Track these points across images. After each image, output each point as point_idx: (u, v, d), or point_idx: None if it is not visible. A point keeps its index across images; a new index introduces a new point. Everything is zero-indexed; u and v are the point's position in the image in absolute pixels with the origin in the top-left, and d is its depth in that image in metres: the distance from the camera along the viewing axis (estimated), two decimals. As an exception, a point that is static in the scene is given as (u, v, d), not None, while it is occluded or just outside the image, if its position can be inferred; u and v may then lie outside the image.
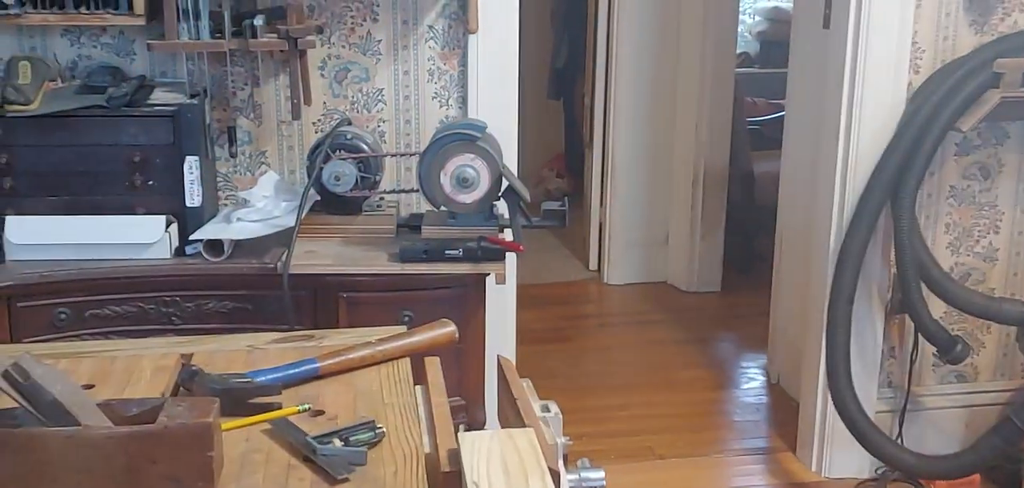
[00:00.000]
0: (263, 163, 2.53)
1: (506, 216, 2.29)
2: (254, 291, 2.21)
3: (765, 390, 3.52)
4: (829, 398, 2.76)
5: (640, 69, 4.21)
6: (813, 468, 2.93)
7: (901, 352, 2.86)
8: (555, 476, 1.15)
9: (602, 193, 4.44)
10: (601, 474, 1.28)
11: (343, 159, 2.25)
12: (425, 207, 2.34)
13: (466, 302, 2.21)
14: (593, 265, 4.57)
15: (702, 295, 4.32)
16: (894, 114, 2.62)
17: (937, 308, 2.73)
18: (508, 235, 2.22)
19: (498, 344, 2.60)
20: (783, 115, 3.64)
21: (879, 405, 2.85)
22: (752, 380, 3.60)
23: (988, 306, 2.63)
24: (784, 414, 3.24)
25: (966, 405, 2.92)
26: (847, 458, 2.86)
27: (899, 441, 2.79)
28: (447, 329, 1.47)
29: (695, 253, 4.32)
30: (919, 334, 2.74)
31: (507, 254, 2.19)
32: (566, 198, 2.44)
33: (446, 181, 2.14)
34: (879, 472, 2.83)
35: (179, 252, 2.24)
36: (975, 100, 2.49)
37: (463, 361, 2.21)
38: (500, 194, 2.20)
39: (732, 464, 3.05)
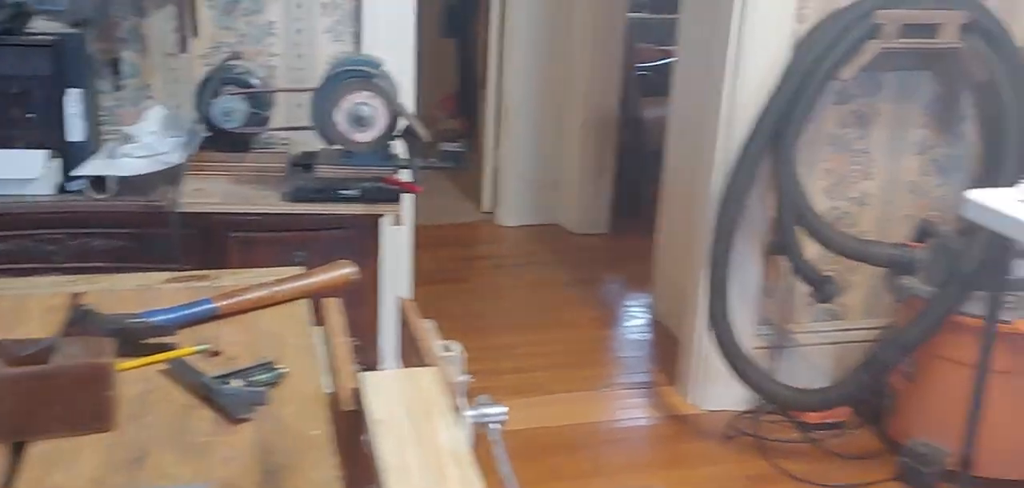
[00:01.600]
0: (149, 97, 2.45)
1: (402, 156, 2.29)
2: (141, 229, 2.15)
3: (649, 328, 3.63)
4: (708, 334, 2.87)
5: (534, 10, 4.22)
6: (692, 401, 3.06)
7: (777, 291, 3.00)
8: (458, 413, 1.18)
9: (496, 134, 4.45)
10: (503, 410, 1.31)
11: (233, 94, 2.20)
12: (318, 145, 2.31)
13: (361, 243, 2.20)
14: (486, 206, 4.60)
15: (591, 237, 4.41)
16: (778, 62, 2.71)
17: (811, 250, 2.86)
18: (405, 175, 2.21)
19: (393, 285, 2.62)
20: (672, 61, 3.72)
21: (756, 341, 2.99)
22: (637, 318, 3.71)
23: (858, 248, 2.78)
24: (666, 350, 3.36)
25: (836, 342, 3.08)
26: (724, 392, 3.00)
27: (773, 375, 2.94)
28: (346, 271, 1.47)
29: (585, 196, 4.40)
30: (794, 274, 2.87)
31: (403, 194, 2.19)
32: (463, 140, 2.44)
33: (341, 119, 2.12)
34: (754, 405, 2.98)
35: (62, 188, 2.16)
36: (855, 50, 2.60)
37: (358, 302, 2.20)
38: (397, 133, 2.20)
39: (617, 398, 3.15)
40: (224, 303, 1.35)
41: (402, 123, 2.19)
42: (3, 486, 0.98)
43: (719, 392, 3.01)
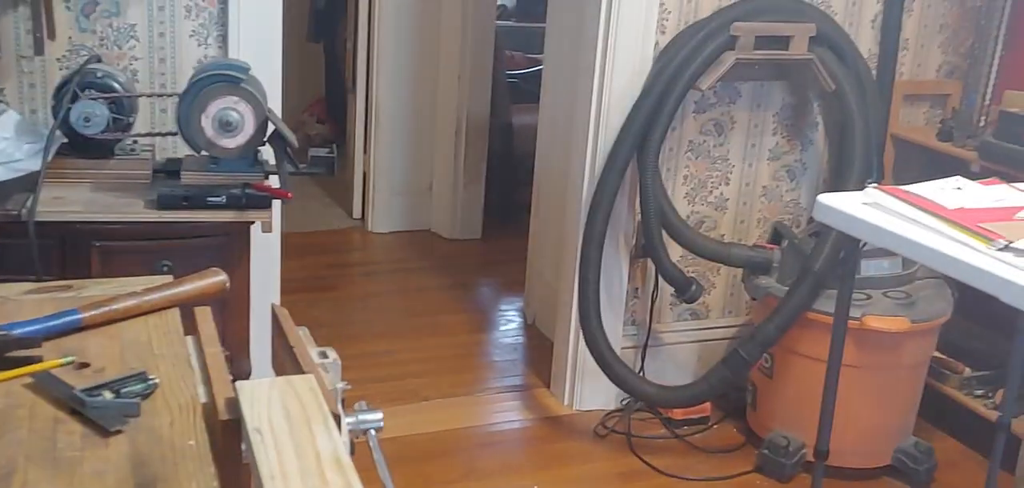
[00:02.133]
0: (1, 102, 2.34)
1: (271, 163, 2.26)
2: (-6, 240, 2.05)
3: (522, 331, 3.69)
4: (580, 336, 2.95)
5: (403, 15, 4.23)
6: (565, 402, 3.13)
7: (643, 292, 3.10)
8: (336, 419, 1.18)
9: (366, 140, 4.43)
10: (379, 415, 1.32)
11: (93, 99, 2.12)
12: (183, 151, 2.26)
13: (230, 251, 2.16)
14: (356, 213, 4.58)
15: (464, 242, 4.44)
16: (642, 72, 2.81)
17: (675, 252, 2.98)
18: (274, 182, 2.19)
19: (263, 293, 2.57)
20: (541, 69, 3.79)
21: (624, 341, 3.08)
22: (510, 322, 3.77)
23: (719, 250, 2.90)
24: (539, 353, 3.43)
25: (699, 340, 3.21)
26: (596, 392, 3.08)
27: (641, 374, 3.04)
28: (218, 279, 1.45)
29: (458, 201, 4.43)
30: (659, 276, 2.97)
31: (273, 201, 2.16)
32: (334, 145, 2.43)
33: (208, 124, 2.08)
34: (624, 403, 3.07)
35: (-96, 198, 2.03)
36: (713, 61, 2.72)
37: (228, 311, 2.17)
38: (265, 139, 2.17)
39: (492, 402, 3.19)
40: (90, 313, 1.31)
41: (270, 128, 2.16)
42: None
43: (592, 392, 3.08)
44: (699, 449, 2.95)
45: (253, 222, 2.17)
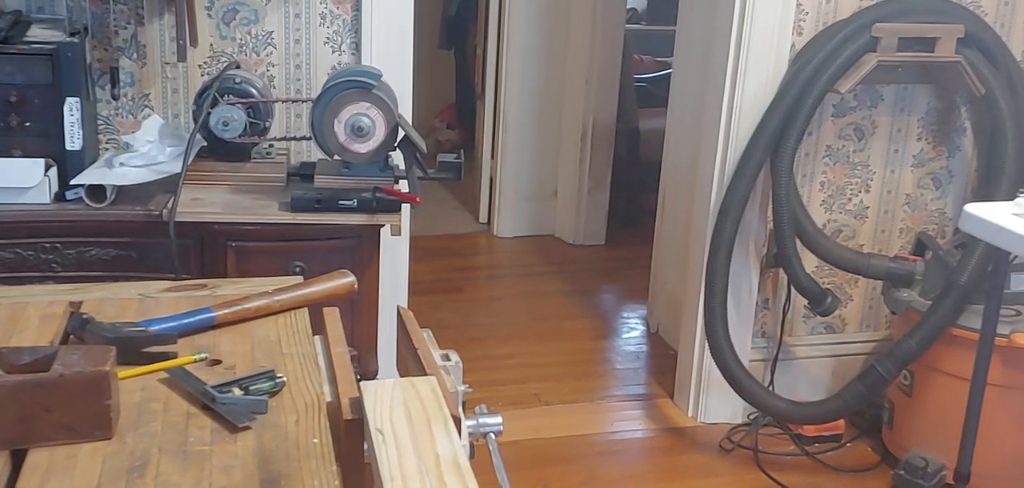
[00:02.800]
0: (146, 106, 2.45)
1: (401, 167, 2.29)
2: (138, 239, 2.14)
3: (645, 339, 3.63)
4: (706, 346, 2.87)
5: (532, 21, 4.24)
6: (689, 413, 3.06)
7: (774, 304, 3.00)
8: (456, 422, 1.17)
9: (493, 145, 4.46)
10: (498, 419, 1.32)
11: (232, 104, 2.20)
12: (316, 155, 2.31)
13: (359, 253, 2.20)
14: (483, 217, 4.61)
15: (587, 248, 4.42)
16: (777, 74, 2.72)
17: (809, 262, 2.87)
18: (403, 186, 2.21)
19: (391, 295, 2.61)
20: (669, 73, 3.73)
21: (753, 354, 2.99)
22: (633, 330, 3.71)
23: (857, 261, 2.78)
24: (663, 362, 3.36)
25: (834, 355, 3.08)
26: (721, 404, 3.00)
27: (771, 388, 2.94)
28: (346, 280, 1.47)
29: (582, 207, 4.40)
30: (792, 287, 2.87)
31: (402, 205, 2.19)
32: (461, 151, 2.44)
33: (340, 129, 2.12)
34: (751, 417, 2.98)
35: (59, 197, 2.15)
36: (853, 63, 2.61)
37: (356, 312, 2.21)
38: (396, 144, 2.20)
39: (613, 409, 3.15)
40: (223, 312, 1.35)
41: (401, 134, 2.19)
42: (2, 494, 0.97)
43: (717, 404, 3.00)
44: (830, 467, 2.83)
45: (383, 225, 2.20)
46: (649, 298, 3.74)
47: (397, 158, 2.27)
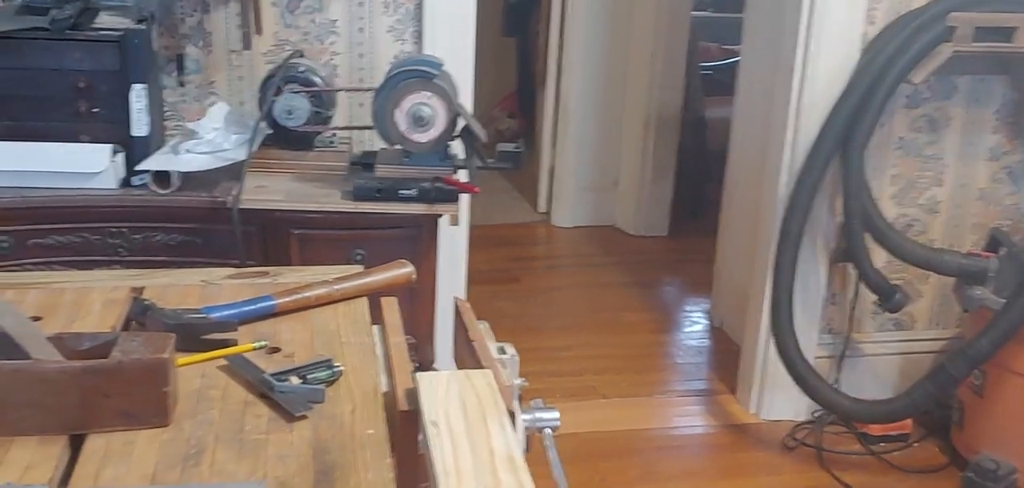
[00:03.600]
0: (212, 94, 2.48)
1: (461, 157, 2.28)
2: (203, 225, 2.17)
3: (708, 334, 3.58)
4: (770, 342, 2.82)
5: (595, 8, 4.19)
6: (752, 410, 3.00)
7: (842, 299, 2.93)
8: (511, 417, 1.16)
9: (554, 134, 4.43)
10: (556, 414, 1.29)
11: (296, 92, 2.21)
12: (379, 145, 2.31)
13: (418, 242, 2.20)
14: (542, 207, 4.58)
15: (649, 239, 4.36)
16: (848, 64, 2.64)
17: (879, 257, 2.79)
18: (463, 176, 2.20)
19: (449, 284, 2.61)
20: (737, 61, 3.66)
21: (818, 351, 2.92)
22: (695, 324, 3.66)
23: (929, 257, 2.70)
24: (726, 357, 3.31)
25: (902, 353, 3.00)
26: (785, 401, 2.93)
27: (836, 384, 2.87)
28: (405, 270, 1.47)
29: (644, 197, 4.35)
30: (860, 282, 2.80)
31: (461, 195, 2.18)
32: (521, 140, 2.43)
33: (401, 119, 2.12)
34: (815, 415, 2.91)
35: (125, 182, 2.19)
36: (927, 53, 2.52)
37: (414, 301, 2.21)
38: (456, 134, 2.19)
39: (674, 404, 3.11)
40: (284, 300, 1.35)
41: (461, 124, 2.18)
42: (61, 479, 0.98)
43: (779, 402, 2.95)
44: (897, 468, 2.76)
45: (442, 215, 2.20)
46: (713, 292, 3.68)
47: (457, 148, 2.26)
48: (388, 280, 1.44)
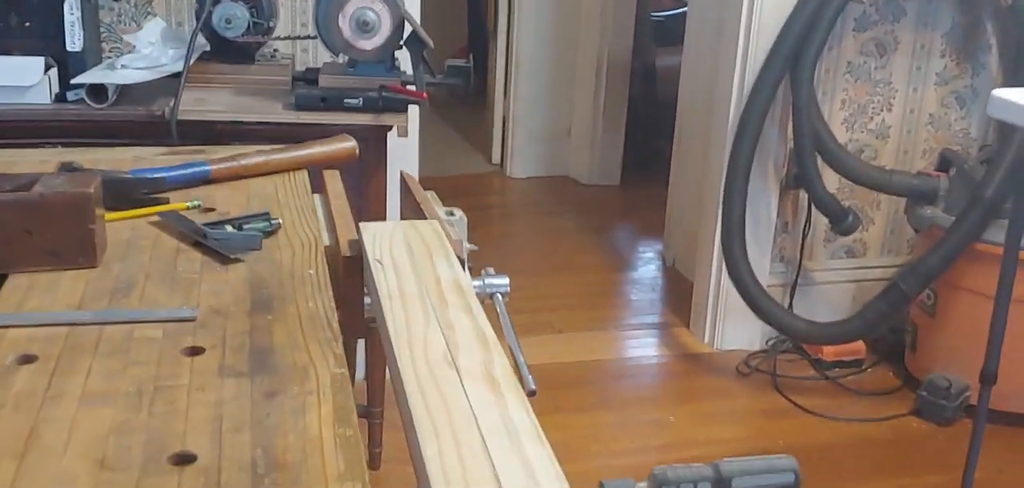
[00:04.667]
0: (149, 13, 2.40)
1: (409, 73, 2.22)
2: (140, 140, 2.08)
3: (660, 272, 3.57)
4: (722, 270, 2.81)
5: (544, -44, 4.16)
6: (705, 340, 2.99)
7: (794, 227, 2.93)
8: (460, 262, 1.12)
9: (506, 84, 4.39)
10: (505, 280, 1.25)
11: (234, 1, 2.14)
12: (322, 61, 2.25)
13: (366, 157, 2.13)
14: (495, 159, 4.55)
15: (602, 188, 4.35)
16: (795, -15, 2.63)
17: (830, 182, 2.79)
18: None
19: (397, 210, 2.55)
20: (685, 10, 3.64)
21: (771, 279, 2.92)
22: (648, 264, 3.65)
23: (879, 177, 2.70)
24: (678, 293, 3.30)
25: (855, 281, 3.01)
26: (739, 330, 2.93)
27: (789, 310, 2.87)
28: (347, 144, 1.42)
29: (597, 146, 4.33)
30: (812, 207, 2.80)
31: (410, 105, 2.13)
32: (470, 56, 2.38)
33: (345, 24, 2.06)
34: (769, 343, 2.91)
35: (60, 98, 2.10)
36: (874, -31, 2.52)
37: (363, 217, 2.15)
38: (403, 42, 2.13)
39: (628, 336, 3.09)
40: (219, 166, 1.30)
41: (408, 30, 2.13)
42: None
43: (734, 331, 2.94)
44: (851, 391, 2.77)
45: (391, 128, 2.14)
46: (665, 233, 3.67)
47: (404, 59, 2.21)
48: (329, 153, 1.39)
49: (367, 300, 1.13)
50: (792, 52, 2.59)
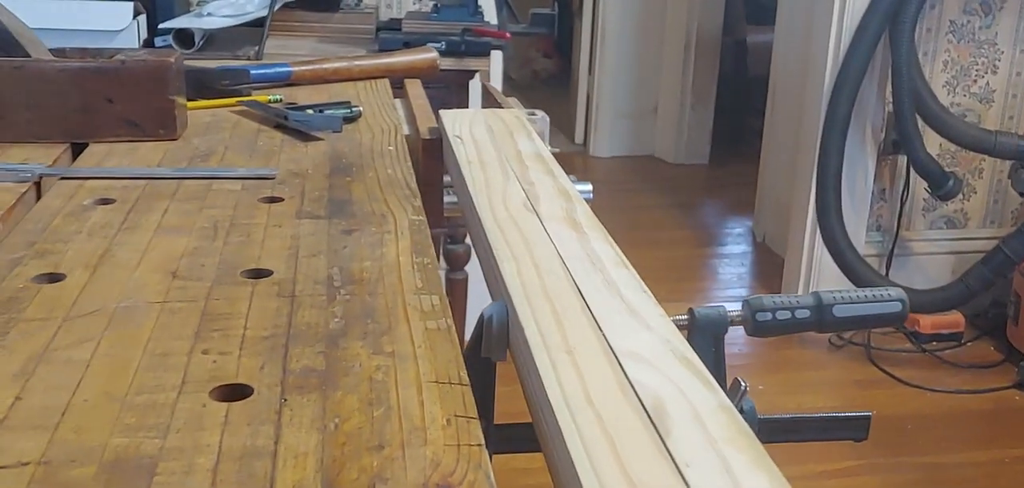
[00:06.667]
0: (239, -34, 2.42)
1: (492, 22, 2.21)
2: (228, 85, 2.11)
3: (751, 247, 3.47)
4: (816, 239, 2.71)
5: (632, -70, 4.10)
6: (798, 313, 2.89)
7: (892, 194, 2.81)
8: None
9: (590, 61, 4.34)
10: (589, 186, 1.21)
11: (322, -51, 2.15)
12: (406, 11, 2.24)
13: (448, 103, 2.12)
14: (578, 138, 4.50)
15: (689, 167, 4.26)
16: (895, -63, 2.53)
17: (931, 146, 2.67)
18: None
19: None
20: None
21: (867, 249, 2.81)
22: (738, 240, 3.55)
23: (983, 138, 2.57)
24: (769, 268, 3.20)
25: (954, 252, 2.87)
26: (833, 303, 2.82)
27: (886, 277, 2.75)
28: (429, 55, 1.39)
29: (684, 124, 4.25)
30: (911, 173, 2.68)
31: (491, 51, 2.10)
32: (555, 3, 2.34)
33: (430, -33, 2.05)
34: (865, 315, 2.79)
35: (148, 43, 2.13)
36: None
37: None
38: (486, -14, 2.11)
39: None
40: (301, 69, 1.28)
41: (493, -26, 2.10)
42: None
43: (825, 301, 2.83)
44: (949, 364, 2.63)
45: (473, 75, 2.12)
46: (755, 209, 3.57)
47: (488, 8, 2.19)
48: (411, 62, 1.37)
49: (447, 198, 1.10)
50: (891, 8, 2.48)
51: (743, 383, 0.75)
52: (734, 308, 0.80)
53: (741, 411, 0.70)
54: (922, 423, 2.36)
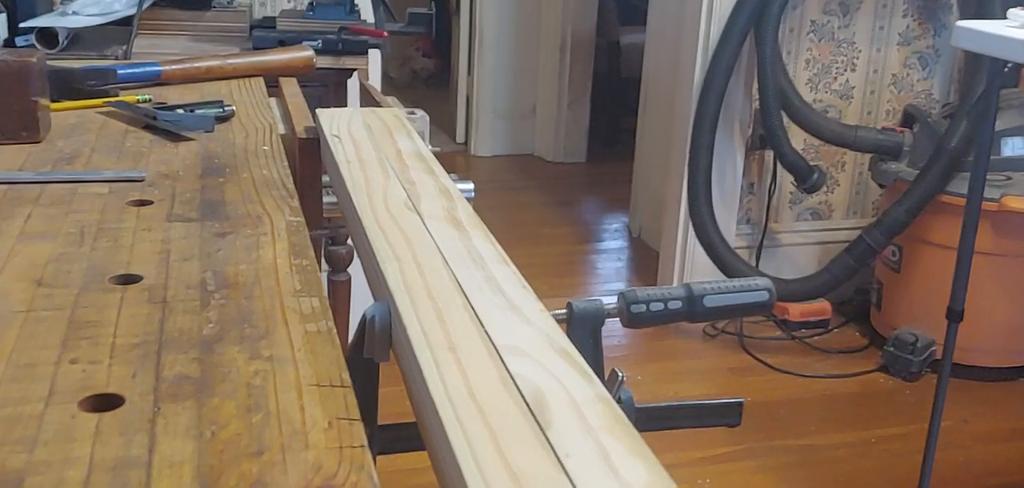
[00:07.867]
0: (103, -38, 2.33)
1: (370, 20, 2.19)
2: (93, 85, 2.03)
3: (627, 242, 3.55)
4: (689, 232, 2.79)
5: (507, -70, 4.13)
6: (674, 305, 2.97)
7: (760, 188, 2.92)
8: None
9: (469, 62, 4.35)
10: (470, 185, 1.22)
11: (192, -55, 2.09)
12: (280, 9, 2.20)
13: (326, 102, 2.10)
14: (460, 138, 4.50)
15: (568, 165, 4.32)
16: (759, -60, 2.63)
17: (796, 143, 2.78)
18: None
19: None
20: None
21: (737, 241, 2.91)
22: (614, 235, 3.63)
23: (844, 133, 2.70)
24: (645, 262, 3.28)
25: (820, 242, 3.01)
26: (707, 294, 2.91)
27: (756, 268, 2.85)
28: (305, 53, 1.37)
29: (562, 123, 4.31)
30: (778, 166, 2.80)
31: (369, 49, 2.09)
32: (432, 3, 2.34)
33: (305, -35, 2.02)
34: (737, 305, 2.89)
35: (9, 43, 2.03)
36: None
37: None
38: (363, -15, 2.10)
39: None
40: (171, 67, 1.25)
41: (369, -28, 2.09)
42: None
43: (699, 293, 2.92)
44: (817, 350, 2.76)
45: (351, 74, 2.10)
46: (631, 204, 3.65)
47: (365, 7, 2.17)
48: (286, 61, 1.35)
49: (326, 198, 1.09)
50: (756, 7, 2.58)
51: (620, 374, 0.77)
52: (610, 301, 0.82)
53: (619, 401, 0.71)
54: (794, 407, 2.46)
